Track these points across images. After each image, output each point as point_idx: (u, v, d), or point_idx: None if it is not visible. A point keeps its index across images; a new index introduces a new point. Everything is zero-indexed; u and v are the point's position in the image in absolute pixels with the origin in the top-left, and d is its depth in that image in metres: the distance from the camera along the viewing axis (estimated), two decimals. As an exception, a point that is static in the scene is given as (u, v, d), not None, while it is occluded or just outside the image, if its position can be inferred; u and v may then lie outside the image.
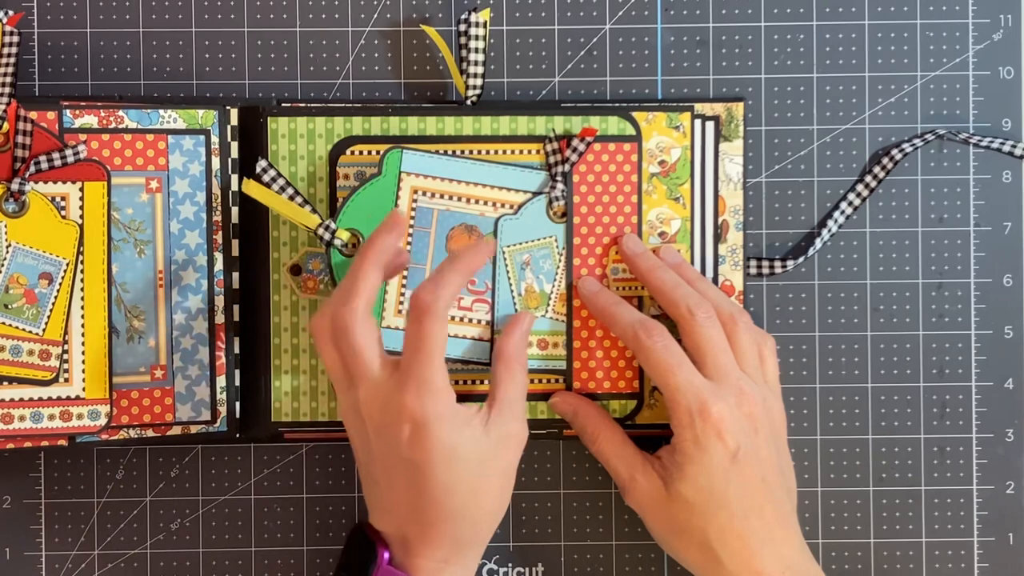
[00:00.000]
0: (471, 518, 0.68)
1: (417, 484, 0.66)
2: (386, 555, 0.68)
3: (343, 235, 0.72)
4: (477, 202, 0.73)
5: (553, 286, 0.74)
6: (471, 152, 0.74)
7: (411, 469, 0.66)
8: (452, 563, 0.68)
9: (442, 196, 0.73)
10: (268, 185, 0.72)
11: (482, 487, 0.68)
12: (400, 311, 0.72)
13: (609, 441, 0.74)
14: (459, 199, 0.73)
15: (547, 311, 0.74)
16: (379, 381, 0.67)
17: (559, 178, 0.73)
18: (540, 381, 0.76)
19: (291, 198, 0.72)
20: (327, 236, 0.72)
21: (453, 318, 0.73)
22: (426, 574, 0.67)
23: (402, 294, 0.72)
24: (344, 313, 0.67)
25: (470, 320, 0.73)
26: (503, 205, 0.73)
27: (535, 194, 0.73)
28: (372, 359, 0.67)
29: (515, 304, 0.73)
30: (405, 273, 0.72)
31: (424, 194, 0.72)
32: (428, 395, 0.65)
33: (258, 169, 0.72)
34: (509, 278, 0.73)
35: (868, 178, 0.78)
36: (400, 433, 0.66)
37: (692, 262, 0.76)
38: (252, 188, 0.72)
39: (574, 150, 0.73)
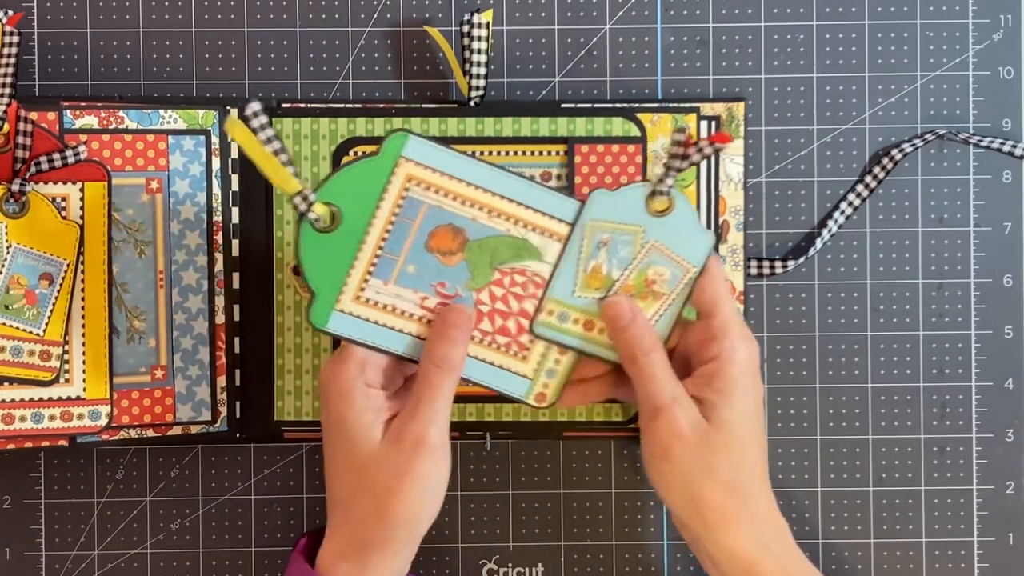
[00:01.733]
0: (359, 517, 0.65)
1: (324, 455, 0.67)
2: (301, 542, 0.68)
3: (320, 209, 0.65)
4: (473, 206, 0.67)
5: (622, 274, 0.68)
6: (476, 153, 0.74)
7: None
8: (348, 559, 0.65)
9: (437, 191, 0.67)
10: (255, 131, 0.63)
11: (370, 486, 0.64)
12: (359, 298, 0.67)
13: (664, 358, 0.67)
14: (455, 199, 0.67)
15: (608, 297, 0.68)
16: None
17: (672, 173, 0.66)
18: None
19: (276, 153, 0.63)
20: (303, 206, 0.65)
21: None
22: (322, 565, 0.66)
23: (366, 281, 0.67)
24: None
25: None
26: (501, 216, 0.67)
27: (645, 181, 0.67)
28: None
29: (575, 280, 0.68)
30: (375, 261, 0.67)
31: (419, 185, 0.67)
32: (336, 358, 0.66)
33: (248, 111, 0.62)
34: (581, 251, 0.68)
35: (868, 178, 0.78)
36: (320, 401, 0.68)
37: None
38: (236, 129, 0.63)
39: (699, 150, 0.65)
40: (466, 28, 0.74)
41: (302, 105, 0.76)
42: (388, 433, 0.65)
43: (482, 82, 0.75)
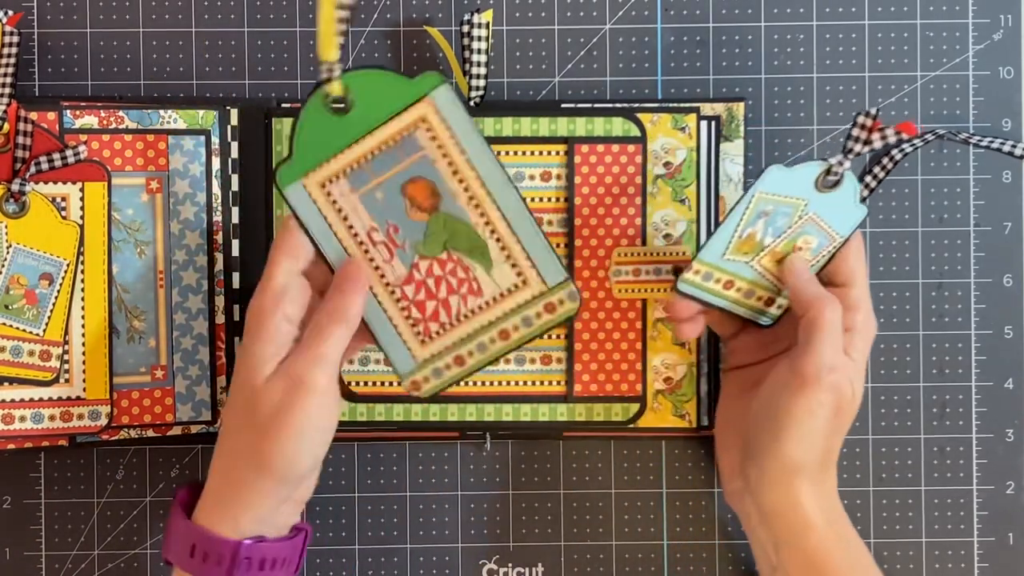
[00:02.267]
0: (238, 451, 0.64)
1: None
2: (180, 494, 0.67)
3: (336, 88, 0.64)
4: (461, 182, 0.66)
5: (773, 241, 0.70)
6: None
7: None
8: (223, 501, 0.65)
9: (439, 148, 0.66)
10: None
11: (252, 422, 0.63)
12: (323, 187, 0.66)
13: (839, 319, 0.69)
14: (449, 165, 0.66)
15: (753, 260, 0.71)
16: None
17: (849, 155, 0.67)
18: (541, 384, 0.76)
19: (342, 20, 0.61)
20: (325, 75, 0.63)
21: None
22: (200, 512, 0.65)
23: (338, 177, 0.66)
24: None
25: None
26: (478, 209, 0.66)
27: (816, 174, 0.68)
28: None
29: (728, 245, 0.69)
30: (355, 167, 0.66)
31: (427, 130, 0.66)
32: (258, 288, 0.65)
33: None
34: (742, 219, 0.68)
35: (868, 178, 0.78)
36: None
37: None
38: None
39: (883, 137, 0.66)
40: (466, 28, 0.74)
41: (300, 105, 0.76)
42: (276, 370, 0.63)
43: (482, 82, 0.75)
